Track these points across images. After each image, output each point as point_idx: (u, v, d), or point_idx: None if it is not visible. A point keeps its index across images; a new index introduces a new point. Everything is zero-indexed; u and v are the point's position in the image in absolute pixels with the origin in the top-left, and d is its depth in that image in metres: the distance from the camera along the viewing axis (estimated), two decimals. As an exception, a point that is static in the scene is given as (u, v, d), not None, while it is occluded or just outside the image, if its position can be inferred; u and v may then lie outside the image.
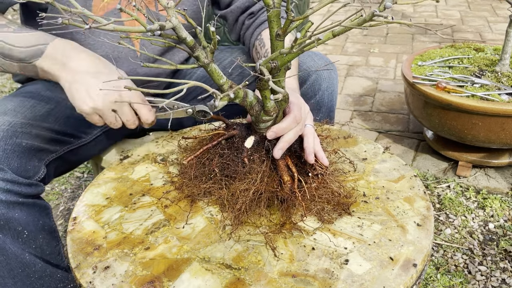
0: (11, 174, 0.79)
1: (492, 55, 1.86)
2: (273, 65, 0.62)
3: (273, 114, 0.71)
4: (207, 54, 0.62)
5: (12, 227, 0.78)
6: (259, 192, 0.72)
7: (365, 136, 1.48)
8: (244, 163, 0.74)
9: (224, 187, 0.75)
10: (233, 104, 1.21)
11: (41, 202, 0.87)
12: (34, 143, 0.89)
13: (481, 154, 1.78)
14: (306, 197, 0.73)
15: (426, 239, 0.69)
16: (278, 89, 0.64)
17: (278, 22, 0.61)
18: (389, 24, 0.47)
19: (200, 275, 0.63)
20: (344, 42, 3.32)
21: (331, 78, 1.08)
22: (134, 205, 0.79)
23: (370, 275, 0.62)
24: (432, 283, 1.33)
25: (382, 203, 0.77)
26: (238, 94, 0.67)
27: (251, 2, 1.07)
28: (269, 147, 0.75)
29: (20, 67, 0.85)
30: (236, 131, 0.78)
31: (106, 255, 0.67)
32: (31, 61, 0.84)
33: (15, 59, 0.84)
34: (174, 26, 0.56)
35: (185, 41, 0.59)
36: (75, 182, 1.92)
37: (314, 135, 0.77)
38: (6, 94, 2.85)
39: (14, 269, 0.79)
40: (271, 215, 0.75)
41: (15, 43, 0.84)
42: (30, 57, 0.84)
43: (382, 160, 0.90)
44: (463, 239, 1.49)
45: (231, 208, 0.72)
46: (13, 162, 0.82)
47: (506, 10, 3.60)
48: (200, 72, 1.17)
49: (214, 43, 0.60)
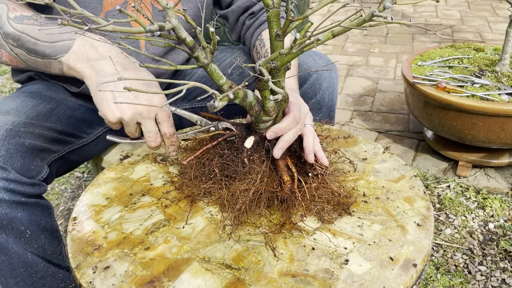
0: (15, 173, 0.79)
1: (492, 55, 1.86)
2: (273, 65, 0.62)
3: (273, 114, 0.71)
4: (207, 54, 0.62)
5: (15, 226, 0.78)
6: (259, 192, 0.72)
7: (365, 136, 1.48)
8: (244, 163, 0.74)
9: (224, 187, 0.75)
10: (233, 104, 1.20)
11: (44, 202, 0.87)
12: (37, 142, 0.89)
13: (481, 154, 1.78)
14: (306, 197, 0.73)
15: (426, 239, 0.69)
16: (278, 89, 0.64)
17: (278, 22, 0.61)
18: (389, 24, 0.47)
19: (200, 275, 0.63)
20: (344, 42, 3.32)
21: (332, 78, 1.08)
22: (134, 205, 0.79)
23: (370, 275, 0.62)
24: (432, 283, 1.33)
25: (382, 203, 0.77)
26: (238, 94, 0.67)
27: (252, 2, 1.07)
28: (269, 147, 0.75)
29: (45, 63, 0.81)
30: (236, 132, 0.78)
31: (106, 255, 0.67)
32: (57, 57, 0.80)
33: (40, 54, 0.80)
34: (174, 26, 0.56)
35: (185, 42, 0.59)
36: (75, 182, 1.92)
37: (313, 135, 0.77)
38: (6, 94, 2.85)
39: (17, 268, 0.79)
40: (271, 215, 0.75)
41: (40, 38, 0.80)
42: (56, 53, 0.81)
43: (382, 160, 0.90)
44: (463, 239, 1.49)
45: (231, 208, 0.72)
46: (17, 162, 0.82)
47: (506, 10, 3.60)
48: (201, 71, 1.17)
49: (214, 43, 0.60)
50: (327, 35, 0.56)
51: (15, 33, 0.78)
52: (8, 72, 3.11)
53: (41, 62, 0.81)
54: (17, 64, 0.82)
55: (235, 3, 1.10)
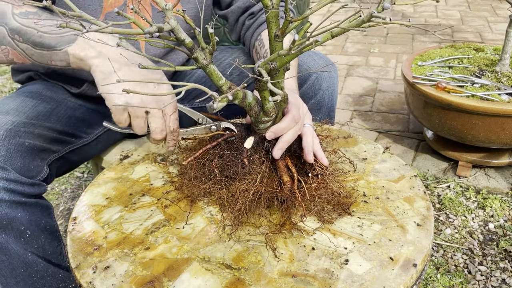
0: (14, 173, 0.79)
1: (492, 55, 1.86)
2: (272, 66, 0.62)
3: (272, 115, 0.71)
4: (206, 55, 0.62)
5: (15, 226, 0.78)
6: (259, 192, 0.72)
7: (365, 136, 1.48)
8: (243, 163, 0.74)
9: (224, 188, 0.75)
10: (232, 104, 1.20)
11: (44, 202, 0.87)
12: (37, 142, 0.89)
13: (481, 154, 1.78)
14: (306, 197, 0.73)
15: (426, 239, 0.69)
16: (277, 90, 0.64)
17: (277, 23, 0.61)
18: (388, 24, 0.47)
19: (200, 275, 0.63)
20: (344, 42, 3.32)
21: (332, 78, 1.08)
22: (134, 205, 0.79)
23: (370, 275, 0.62)
24: (432, 283, 1.33)
25: (382, 203, 0.77)
26: (237, 95, 0.67)
27: (251, 3, 1.08)
28: (268, 147, 0.75)
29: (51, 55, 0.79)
30: (236, 132, 0.78)
31: (106, 255, 0.67)
32: (62, 48, 0.78)
33: (46, 47, 0.78)
34: (173, 28, 0.56)
35: (184, 43, 0.59)
36: (75, 182, 1.92)
37: (312, 135, 0.77)
38: (6, 94, 2.85)
39: (17, 268, 0.80)
40: (271, 215, 0.75)
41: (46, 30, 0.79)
42: (63, 43, 0.79)
43: (382, 160, 0.90)
44: (463, 239, 1.49)
45: (231, 209, 0.72)
46: (16, 162, 0.82)
47: (506, 10, 3.60)
48: (200, 72, 1.17)
49: (213, 44, 0.60)
50: (326, 35, 0.56)
51: (21, 27, 0.77)
52: (8, 72, 3.11)
53: (47, 54, 0.80)
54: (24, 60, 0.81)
55: (234, 4, 1.10)
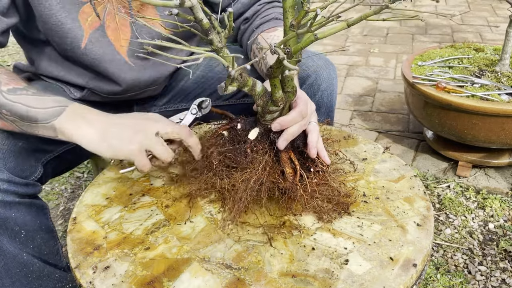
0: (8, 174, 0.79)
1: (492, 55, 1.86)
2: (287, 50, 0.62)
3: (280, 105, 0.72)
4: (221, 38, 0.63)
5: (9, 227, 0.78)
6: (260, 180, 0.72)
7: (365, 136, 1.48)
8: (246, 153, 0.74)
9: (225, 178, 0.75)
10: (236, 104, 1.20)
11: (39, 202, 0.87)
12: (30, 143, 0.89)
13: (481, 154, 1.78)
14: (307, 190, 0.73)
15: (426, 239, 0.69)
16: (292, 67, 0.64)
17: (293, 12, 0.62)
18: (389, 23, 0.47)
19: (200, 275, 0.63)
20: (344, 42, 3.32)
21: (331, 78, 1.08)
22: (134, 205, 0.79)
23: (370, 275, 0.62)
24: (432, 283, 1.33)
25: (382, 203, 0.77)
26: (247, 82, 0.68)
27: (245, 8, 1.08)
28: (274, 138, 0.75)
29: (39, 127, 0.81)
30: (239, 123, 0.78)
31: (106, 255, 0.67)
32: (49, 121, 0.79)
33: (33, 120, 0.80)
34: (193, 5, 0.57)
35: (201, 23, 0.60)
36: (75, 182, 1.92)
37: (318, 133, 0.78)
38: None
39: (12, 269, 0.79)
40: (271, 215, 0.75)
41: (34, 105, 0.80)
42: (49, 117, 0.80)
43: (382, 160, 0.90)
44: (463, 239, 1.49)
45: (232, 198, 0.72)
46: (10, 162, 0.82)
47: (506, 10, 3.60)
48: (200, 72, 1.17)
49: (230, 26, 0.61)
50: (342, 24, 0.56)
51: (8, 103, 0.79)
52: (8, 72, 3.10)
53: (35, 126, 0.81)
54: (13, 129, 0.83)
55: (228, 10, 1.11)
